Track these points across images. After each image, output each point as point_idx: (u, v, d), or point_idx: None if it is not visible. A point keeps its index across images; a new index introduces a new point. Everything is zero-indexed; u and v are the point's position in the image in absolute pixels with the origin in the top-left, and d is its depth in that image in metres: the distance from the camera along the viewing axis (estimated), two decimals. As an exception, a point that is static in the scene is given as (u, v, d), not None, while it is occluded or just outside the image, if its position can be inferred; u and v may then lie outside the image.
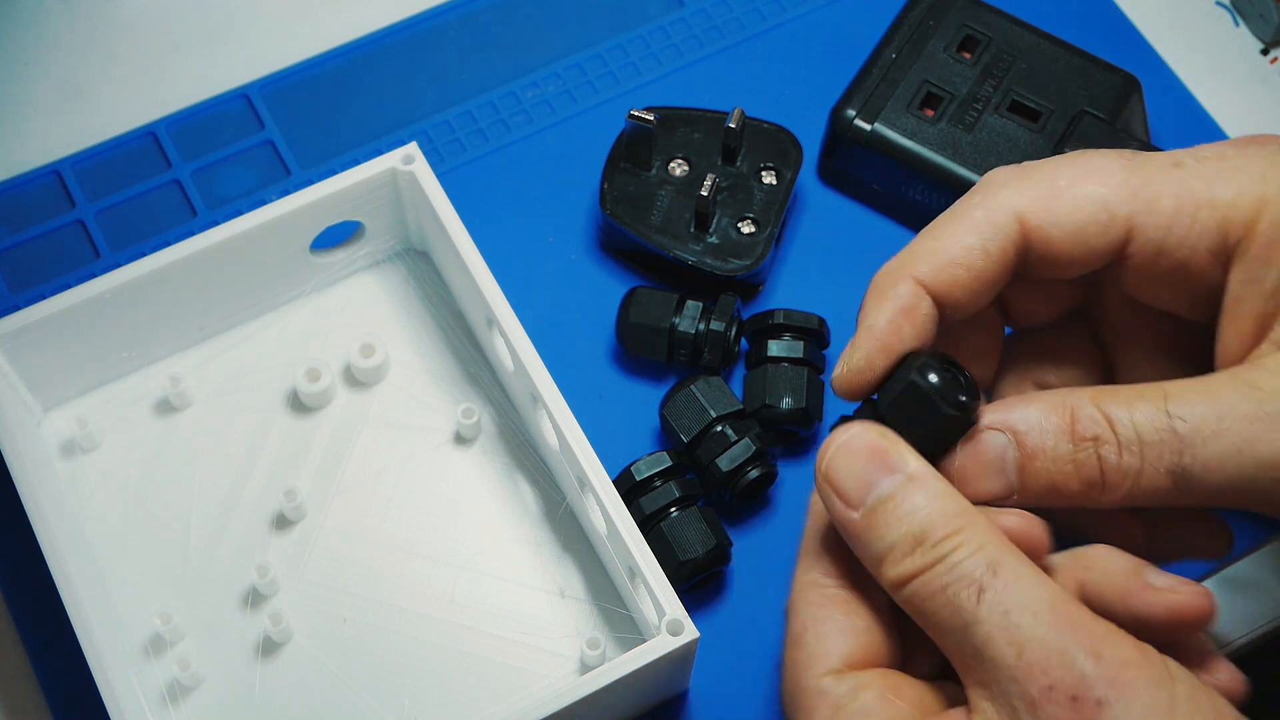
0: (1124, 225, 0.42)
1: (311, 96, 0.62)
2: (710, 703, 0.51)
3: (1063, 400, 0.41)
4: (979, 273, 0.43)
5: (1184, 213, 0.42)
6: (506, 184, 0.60)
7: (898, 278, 0.43)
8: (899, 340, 0.42)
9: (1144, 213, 0.42)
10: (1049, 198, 0.42)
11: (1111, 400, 0.41)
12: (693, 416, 0.53)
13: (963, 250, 0.42)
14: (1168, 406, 0.40)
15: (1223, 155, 0.42)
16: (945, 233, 0.43)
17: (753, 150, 0.58)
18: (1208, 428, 0.40)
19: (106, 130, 0.61)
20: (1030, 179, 0.43)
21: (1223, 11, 0.65)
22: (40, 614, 0.52)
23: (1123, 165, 0.43)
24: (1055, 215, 0.42)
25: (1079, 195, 0.42)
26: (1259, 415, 0.39)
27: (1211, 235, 0.42)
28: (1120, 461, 0.40)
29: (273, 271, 0.55)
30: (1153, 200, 0.42)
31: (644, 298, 0.55)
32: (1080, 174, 0.43)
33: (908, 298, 0.42)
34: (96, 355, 0.54)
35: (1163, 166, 0.42)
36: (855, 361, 0.43)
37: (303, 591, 0.52)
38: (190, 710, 0.50)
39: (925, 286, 0.43)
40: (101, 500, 0.53)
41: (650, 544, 0.49)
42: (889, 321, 0.42)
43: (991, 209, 0.43)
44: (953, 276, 0.43)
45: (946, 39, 0.59)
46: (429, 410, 0.55)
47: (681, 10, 0.64)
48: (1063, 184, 0.42)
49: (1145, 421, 0.40)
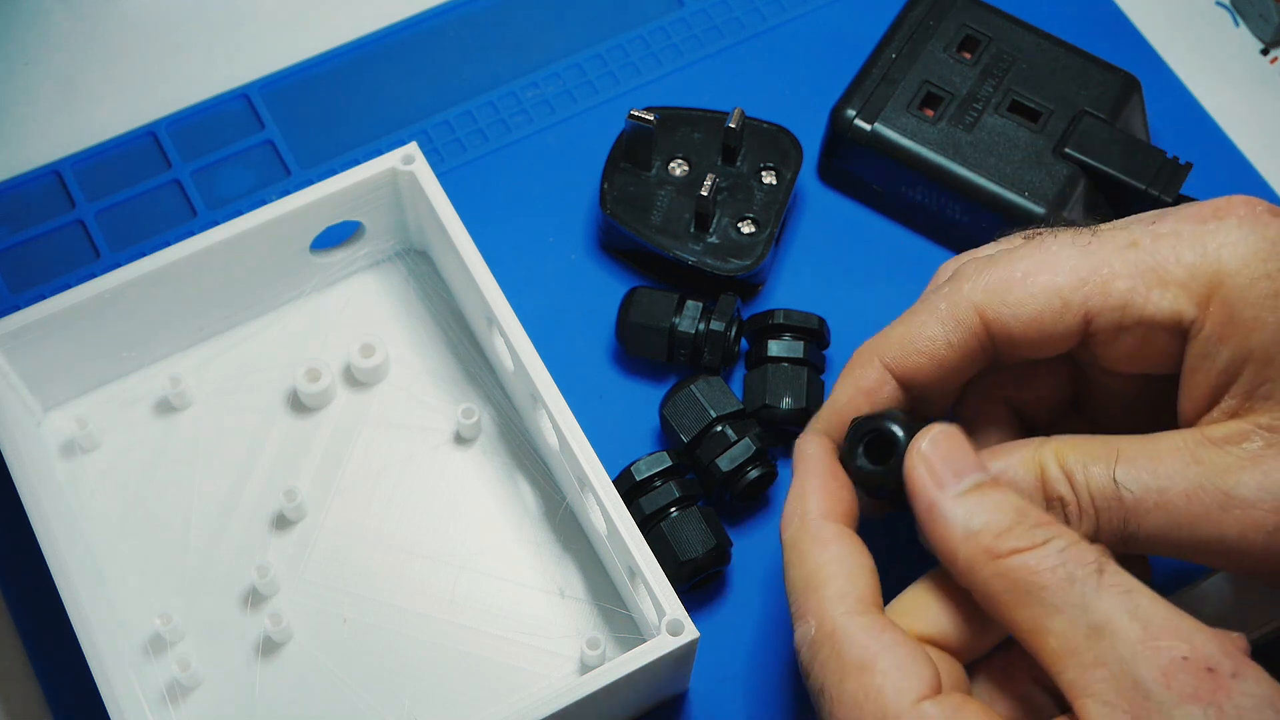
0: (1079, 310, 0.43)
1: (311, 96, 0.62)
2: (710, 703, 0.51)
3: (1034, 456, 0.43)
4: (941, 361, 0.45)
5: (1138, 292, 0.43)
6: (506, 184, 0.60)
7: (867, 359, 0.46)
8: (855, 415, 0.45)
9: (1098, 296, 0.43)
10: (1005, 290, 0.44)
11: (1073, 459, 0.43)
12: (693, 416, 0.53)
13: (927, 341, 0.45)
14: (1115, 472, 0.42)
15: (1178, 233, 0.43)
16: (913, 322, 0.46)
17: (753, 150, 0.58)
18: (1150, 499, 0.41)
19: (106, 130, 0.61)
20: (991, 272, 0.45)
21: (1223, 11, 0.65)
22: (40, 614, 0.52)
23: (1076, 251, 0.44)
24: (1012, 306, 0.44)
25: (1034, 286, 0.44)
26: (1197, 494, 0.41)
27: (1165, 313, 0.43)
28: (1080, 524, 0.42)
29: (273, 271, 0.55)
30: (1106, 284, 0.43)
31: (644, 298, 0.55)
32: (1035, 264, 0.44)
33: (870, 380, 0.46)
34: (96, 355, 0.54)
35: (1118, 248, 0.43)
36: (817, 429, 0.47)
37: (303, 591, 0.52)
38: (190, 710, 0.50)
39: (891, 370, 0.46)
40: (101, 500, 0.53)
41: (650, 544, 0.49)
42: (849, 400, 0.46)
43: (955, 302, 0.45)
44: (917, 364, 0.45)
45: (946, 39, 0.59)
46: (429, 410, 0.55)
47: (681, 10, 0.64)
48: (1018, 276, 0.44)
49: (1097, 488, 0.42)
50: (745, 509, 0.54)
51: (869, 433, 0.44)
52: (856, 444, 0.45)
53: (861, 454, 0.44)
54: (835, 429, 0.46)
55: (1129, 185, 0.56)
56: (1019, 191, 0.56)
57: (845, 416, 0.46)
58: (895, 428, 0.44)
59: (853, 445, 0.45)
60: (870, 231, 0.60)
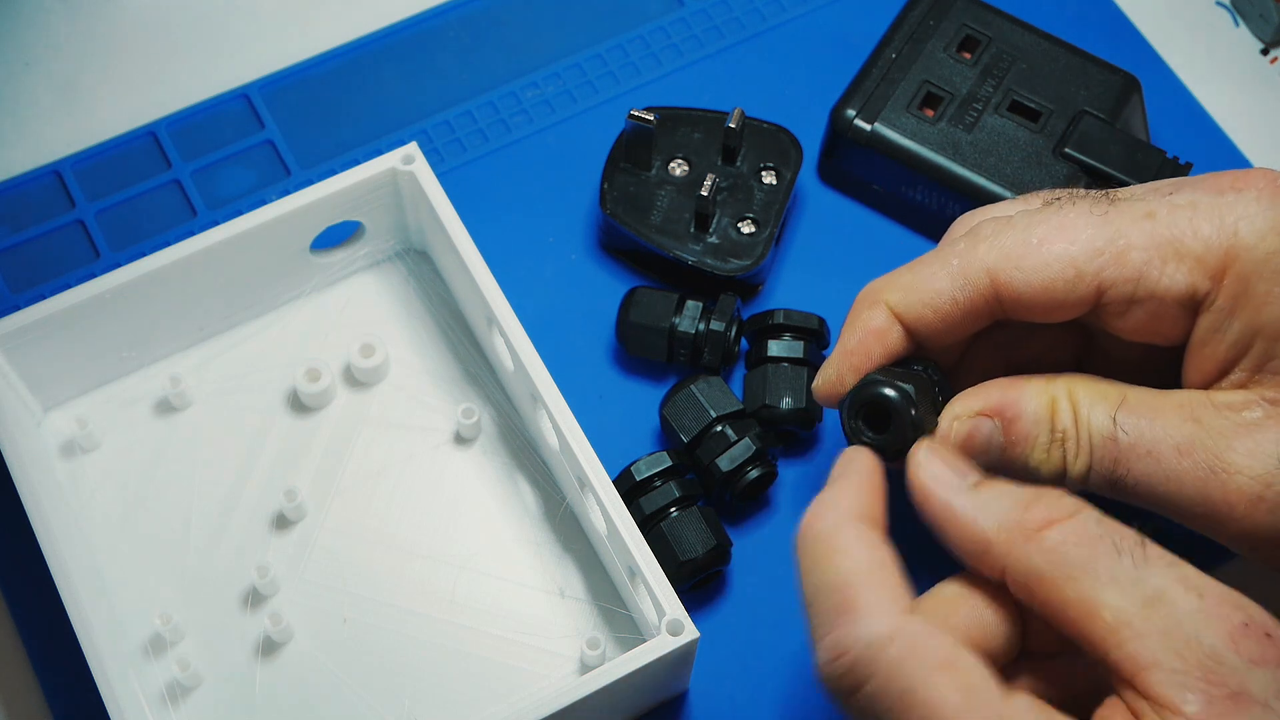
0: (1092, 281, 0.43)
1: (311, 96, 0.62)
2: (710, 703, 0.51)
3: (1046, 388, 0.43)
4: (945, 315, 0.45)
5: (1152, 265, 0.43)
6: (506, 184, 0.60)
7: (872, 302, 0.46)
8: (867, 360, 0.46)
9: (1112, 266, 0.43)
10: (1020, 255, 0.44)
11: (1082, 395, 0.43)
12: (693, 416, 0.53)
13: (934, 294, 0.45)
14: (1117, 413, 0.42)
15: (1195, 204, 0.43)
16: (924, 271, 0.45)
17: (753, 150, 0.58)
18: (1142, 446, 0.42)
19: (106, 130, 0.61)
20: (1007, 235, 0.44)
21: (1223, 11, 0.65)
22: (40, 614, 0.52)
23: (1093, 220, 0.44)
24: (1025, 272, 0.44)
25: (1048, 253, 0.44)
26: (1189, 450, 0.41)
27: (1180, 287, 0.43)
28: (1075, 460, 0.42)
29: (273, 271, 0.55)
30: (1121, 254, 0.43)
31: (644, 298, 0.55)
32: (1051, 231, 0.44)
33: (879, 321, 0.45)
34: (96, 355, 0.54)
35: (1134, 218, 0.43)
36: (828, 377, 0.46)
37: (303, 591, 0.52)
38: (190, 710, 0.50)
39: (897, 315, 0.45)
40: (101, 500, 0.53)
41: (650, 544, 0.49)
42: (859, 342, 0.46)
43: (967, 260, 0.45)
44: (920, 315, 0.45)
45: (946, 39, 0.59)
46: (429, 410, 0.55)
47: (681, 10, 0.64)
48: (1034, 241, 0.44)
49: (1097, 425, 0.42)
50: (745, 509, 0.54)
51: (865, 402, 0.44)
52: (856, 415, 0.45)
53: (862, 425, 0.44)
54: (846, 372, 0.46)
55: (1129, 185, 0.56)
56: (1019, 191, 0.56)
57: (856, 359, 0.45)
58: (890, 392, 0.44)
59: (853, 416, 0.45)
60: (870, 231, 0.60)
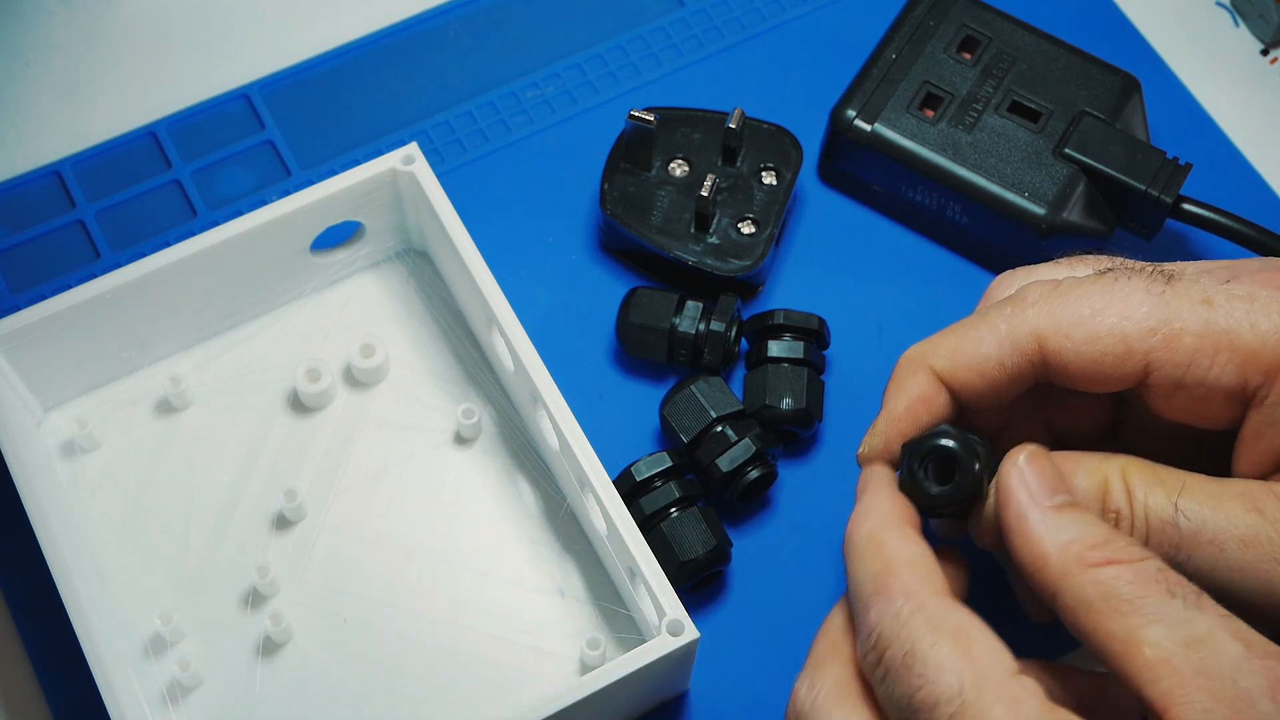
0: (1141, 359, 0.43)
1: (311, 96, 0.62)
2: (710, 703, 0.51)
3: (1100, 466, 0.43)
4: (993, 382, 0.44)
5: (1204, 354, 0.42)
6: (506, 184, 0.60)
7: (917, 367, 0.45)
8: (914, 426, 0.44)
9: (1163, 349, 0.42)
10: (1071, 325, 0.43)
11: (1137, 478, 0.42)
12: (693, 417, 0.53)
13: (980, 358, 0.44)
14: (1179, 499, 0.41)
15: (1253, 296, 0.42)
16: (969, 335, 0.44)
17: (753, 150, 0.58)
18: (1205, 534, 0.41)
19: (106, 130, 0.61)
20: (1058, 302, 0.44)
21: (1223, 11, 0.65)
22: (40, 614, 0.52)
23: (1149, 299, 0.43)
24: (1075, 343, 0.43)
25: (1099, 326, 0.43)
26: (1253, 542, 0.41)
27: (1230, 378, 0.42)
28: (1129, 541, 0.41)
29: (273, 271, 0.55)
30: (1174, 337, 0.42)
31: (644, 298, 0.55)
32: (1105, 304, 0.43)
33: (924, 389, 0.44)
34: (96, 355, 0.54)
35: (1192, 302, 0.43)
36: (875, 445, 0.45)
37: (303, 591, 0.52)
38: (190, 710, 0.50)
39: (943, 380, 0.44)
40: (101, 500, 0.53)
41: (650, 544, 0.49)
42: (907, 408, 0.44)
43: (1015, 326, 0.44)
44: (966, 380, 0.44)
45: (946, 39, 0.59)
46: (429, 410, 0.55)
47: (681, 10, 0.64)
48: (1086, 313, 0.43)
49: (1155, 510, 0.42)
50: (745, 509, 0.54)
51: (929, 452, 0.43)
52: (916, 465, 0.43)
53: (925, 475, 0.43)
54: (894, 439, 0.44)
55: (1129, 186, 0.56)
56: (1019, 192, 0.56)
57: (903, 426, 0.44)
58: (954, 444, 0.42)
59: (912, 467, 0.43)
60: (870, 231, 0.60)
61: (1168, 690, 0.37)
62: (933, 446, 0.43)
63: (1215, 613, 0.38)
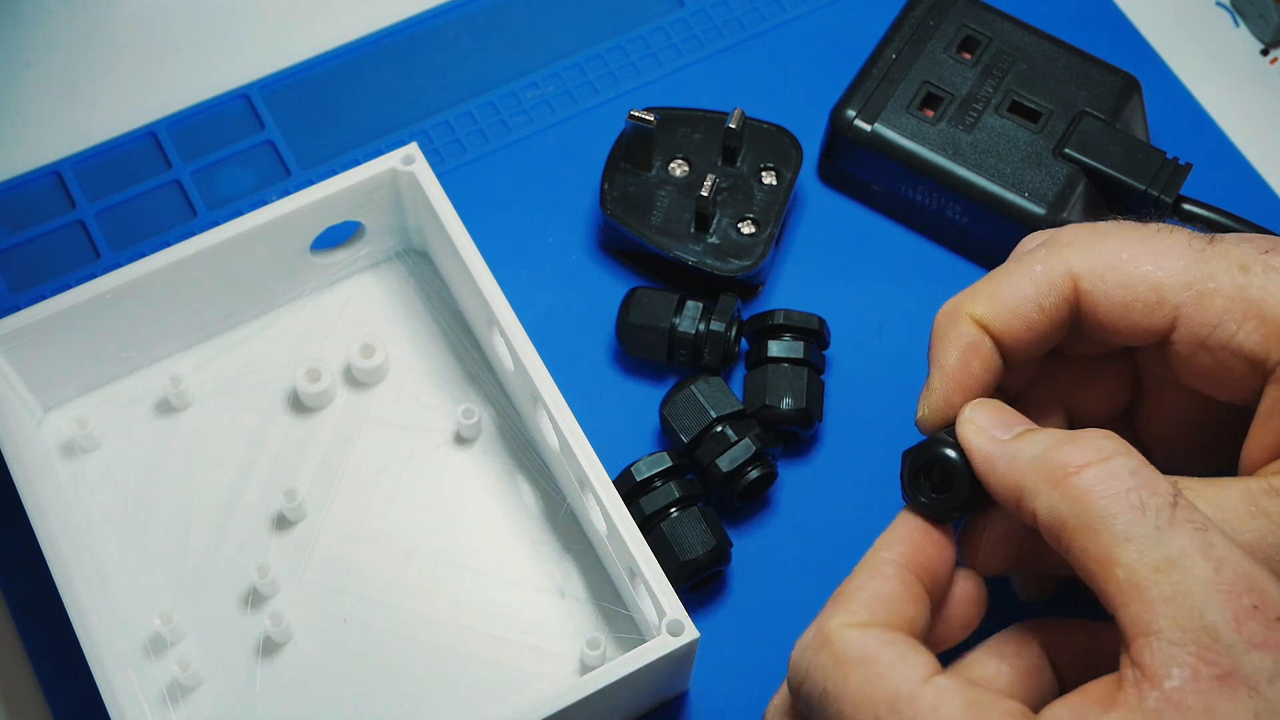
0: (1171, 312, 0.42)
1: (311, 96, 0.62)
2: (710, 703, 0.51)
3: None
4: (1032, 324, 0.43)
5: (1232, 318, 0.42)
6: (506, 184, 0.60)
7: (957, 317, 0.44)
8: (970, 376, 0.43)
9: (1193, 305, 0.42)
10: (1106, 267, 0.43)
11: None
12: (693, 417, 0.53)
13: (1018, 300, 0.43)
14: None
15: None
16: (1006, 280, 0.44)
17: (753, 150, 0.58)
18: None
19: (106, 130, 0.61)
20: (1095, 244, 0.43)
21: (1223, 11, 0.65)
22: (40, 614, 0.52)
23: (1189, 252, 0.43)
24: (1108, 286, 0.43)
25: (1134, 272, 0.43)
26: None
27: (1253, 347, 0.42)
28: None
29: (273, 271, 0.55)
30: (1205, 296, 0.42)
31: (644, 298, 0.55)
32: (1144, 251, 0.43)
33: (971, 336, 0.44)
34: (96, 355, 0.54)
35: (1229, 265, 0.42)
36: (934, 403, 0.44)
37: (303, 591, 0.52)
38: (190, 710, 0.50)
39: (984, 326, 0.44)
40: (101, 500, 0.53)
41: (650, 544, 0.49)
42: (959, 359, 0.44)
43: (1051, 265, 0.43)
44: (1008, 324, 0.44)
45: (946, 39, 0.59)
46: (429, 410, 0.55)
47: (681, 10, 0.64)
48: (1124, 257, 0.43)
49: None
50: (745, 509, 0.54)
51: (924, 464, 0.43)
52: (916, 478, 0.43)
53: (926, 486, 0.43)
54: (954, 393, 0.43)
55: (1129, 186, 0.56)
56: (1019, 192, 0.56)
57: (960, 377, 0.43)
58: (950, 452, 0.42)
59: (913, 480, 0.43)
60: (870, 231, 0.60)
61: (1136, 616, 0.36)
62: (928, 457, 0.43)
63: (1190, 526, 0.37)
